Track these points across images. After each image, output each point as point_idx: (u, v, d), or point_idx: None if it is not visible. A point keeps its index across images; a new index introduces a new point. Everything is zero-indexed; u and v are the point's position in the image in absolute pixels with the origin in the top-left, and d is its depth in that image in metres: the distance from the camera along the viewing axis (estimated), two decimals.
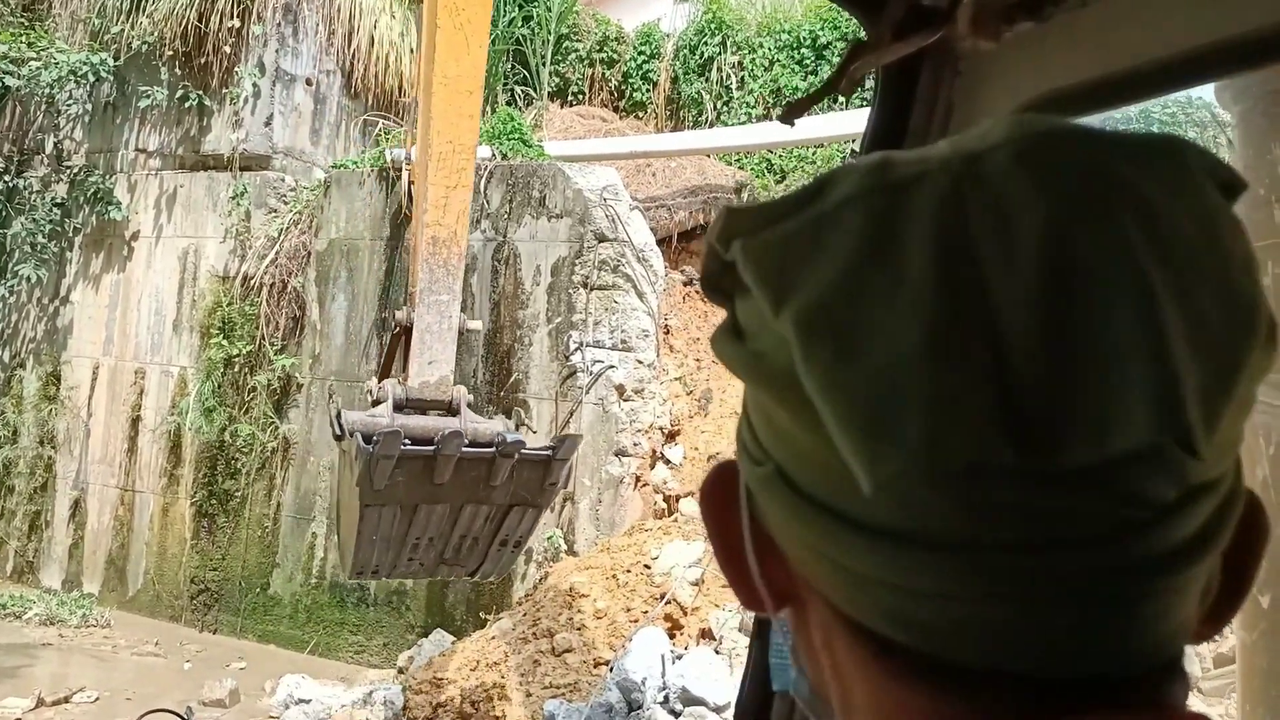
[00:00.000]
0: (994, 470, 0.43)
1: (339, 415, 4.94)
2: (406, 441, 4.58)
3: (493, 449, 4.82)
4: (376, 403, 5.03)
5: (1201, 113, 10.79)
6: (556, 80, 11.72)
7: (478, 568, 5.34)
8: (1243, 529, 0.50)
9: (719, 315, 8.99)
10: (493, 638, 7.10)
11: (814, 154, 10.32)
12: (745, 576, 0.55)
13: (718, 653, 6.28)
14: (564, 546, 7.89)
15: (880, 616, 0.48)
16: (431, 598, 8.45)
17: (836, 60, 9.60)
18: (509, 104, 10.70)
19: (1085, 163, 0.46)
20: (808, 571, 0.52)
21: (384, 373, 5.65)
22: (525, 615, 7.17)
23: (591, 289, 8.17)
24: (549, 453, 4.99)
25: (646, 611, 6.72)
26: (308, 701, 7.16)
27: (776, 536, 0.53)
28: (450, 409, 5.11)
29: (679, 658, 6.25)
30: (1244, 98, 1.88)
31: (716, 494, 0.57)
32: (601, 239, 8.19)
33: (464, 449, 4.70)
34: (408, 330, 5.14)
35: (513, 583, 8.04)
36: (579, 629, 6.73)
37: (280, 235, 9.45)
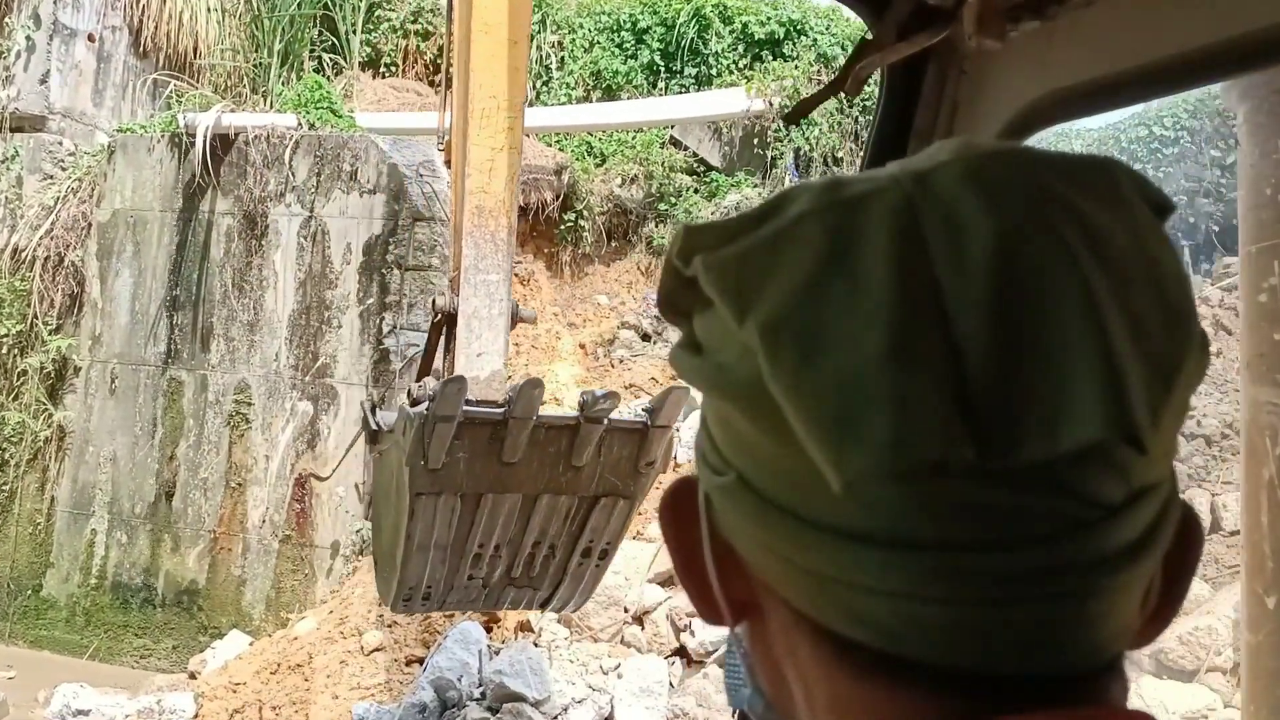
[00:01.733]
0: (954, 468, 0.45)
1: (374, 409, 4.09)
2: (471, 399, 3.54)
3: (576, 414, 3.70)
4: (415, 403, 3.91)
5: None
6: (368, 50, 11.22)
7: (553, 591, 4.11)
8: (1180, 536, 0.52)
9: (539, 297, 8.83)
10: (295, 638, 6.82)
11: (634, 138, 10.25)
12: (704, 588, 0.57)
13: (537, 645, 6.14)
14: None
15: (842, 617, 0.50)
16: (226, 595, 8.06)
17: (657, 46, 9.65)
18: (317, 72, 10.16)
19: (1027, 180, 0.49)
20: (770, 577, 0.53)
21: (423, 371, 4.54)
22: (331, 613, 6.92)
23: (407, 269, 7.89)
24: (644, 420, 3.83)
25: None
26: (86, 713, 6.63)
27: (737, 545, 0.55)
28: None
29: (497, 652, 6.11)
30: (1249, 97, 1.92)
31: (675, 508, 0.58)
32: (418, 218, 7.90)
33: (540, 415, 3.62)
34: (450, 318, 4.14)
35: (317, 579, 7.68)
36: (390, 626, 6.51)
37: (57, 204, 8.78)
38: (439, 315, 4.20)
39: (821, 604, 0.51)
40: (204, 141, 8.26)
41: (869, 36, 1.23)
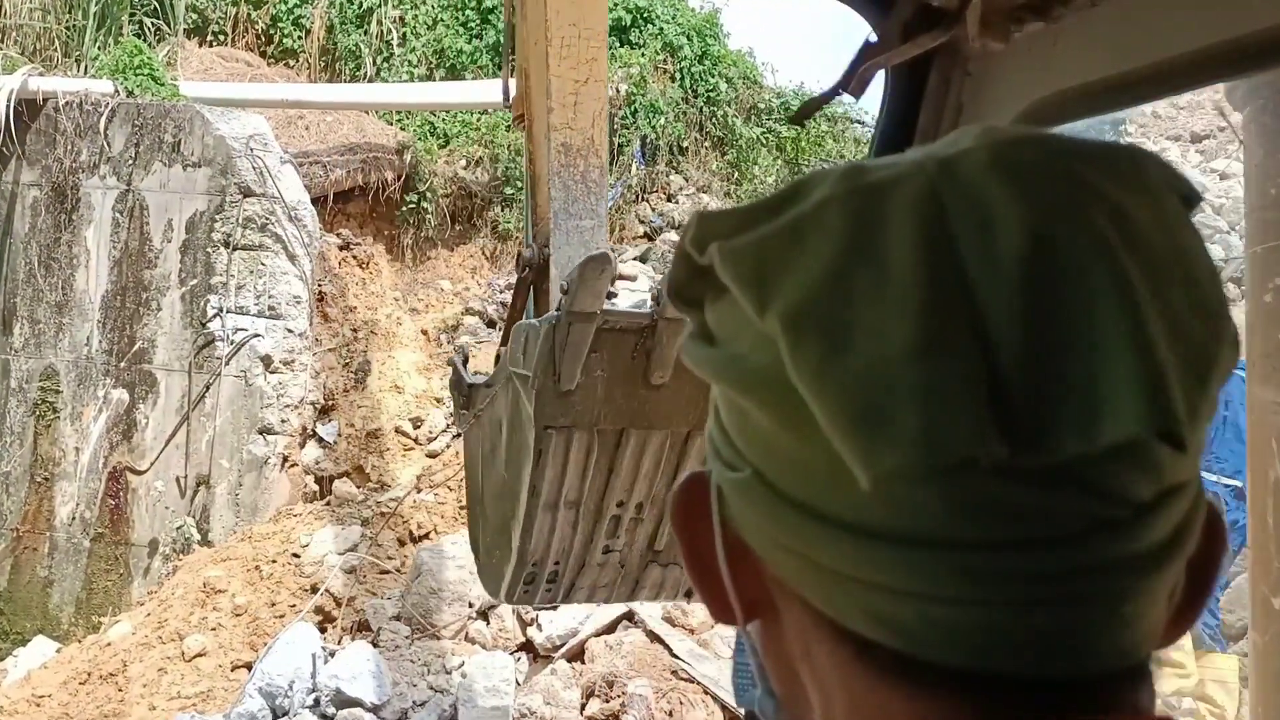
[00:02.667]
0: (986, 465, 0.44)
1: (465, 361, 3.42)
2: (614, 294, 2.87)
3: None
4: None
5: None
6: (194, 16, 10.59)
7: None
8: (1206, 537, 0.51)
9: (379, 281, 8.51)
10: (108, 644, 6.42)
11: (479, 119, 10.00)
12: (717, 587, 0.56)
13: (375, 646, 5.90)
14: (196, 536, 7.28)
15: (861, 617, 0.49)
16: (30, 598, 7.53)
17: (502, 26, 9.38)
18: (138, 36, 9.51)
19: (1056, 166, 0.48)
20: (786, 575, 0.53)
21: (508, 331, 3.65)
22: (149, 616, 6.55)
23: (234, 248, 7.49)
24: None
25: (295, 606, 6.29)
26: None
27: (752, 543, 0.54)
28: None
29: (332, 655, 5.84)
30: (1254, 98, 1.95)
31: (687, 506, 0.57)
32: (247, 193, 7.49)
33: None
34: (539, 270, 3.52)
35: (133, 580, 7.24)
36: (214, 629, 6.22)
37: None
38: (525, 270, 3.49)
39: (841, 604, 0.50)
40: (7, 106, 7.62)
41: (873, 38, 1.26)
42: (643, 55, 10.10)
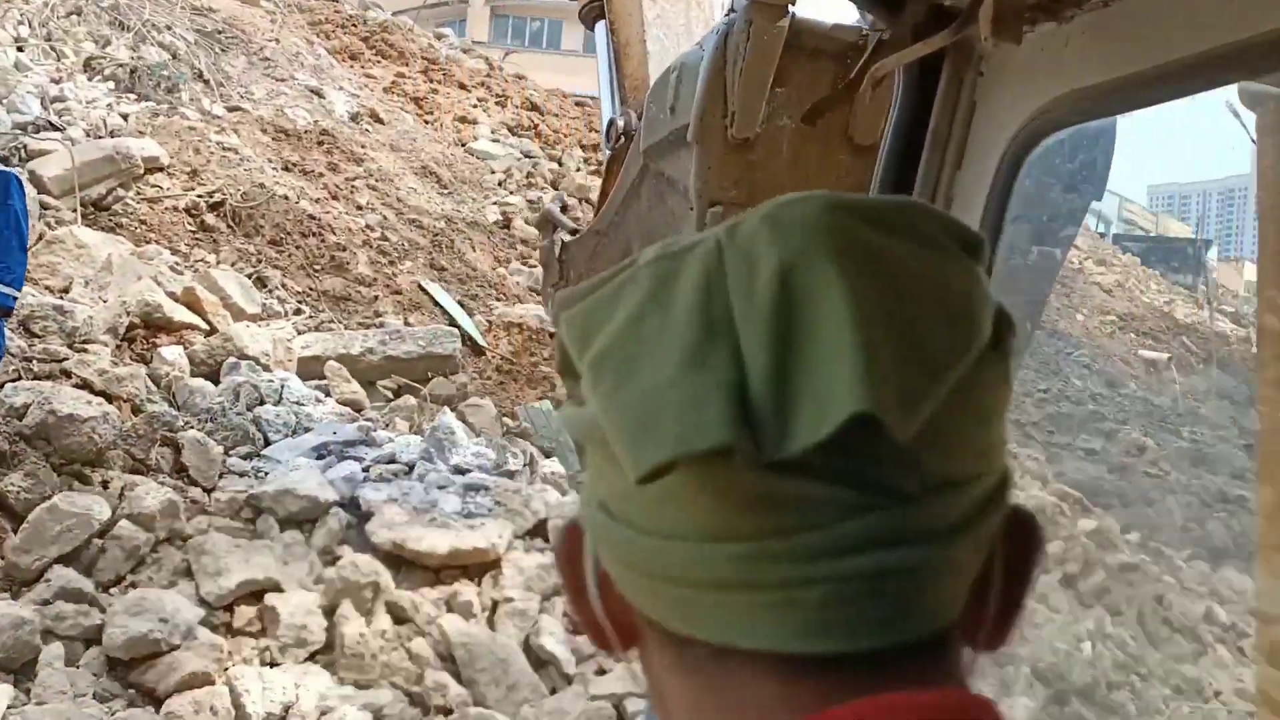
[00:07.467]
0: (742, 462, 0.50)
1: (564, 208, 2.89)
2: None
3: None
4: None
5: None
6: None
7: None
8: (1017, 541, 0.59)
9: None
10: None
11: None
12: (593, 619, 0.62)
13: None
14: None
15: (676, 617, 0.56)
16: None
17: None
18: None
19: (818, 217, 0.55)
20: (628, 593, 0.59)
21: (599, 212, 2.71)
22: None
23: None
24: None
25: None
26: None
27: (610, 571, 0.60)
28: None
29: None
30: (1266, 98, 1.87)
31: (565, 549, 0.64)
32: None
33: None
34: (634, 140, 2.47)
35: None
36: None
37: None
38: (619, 140, 2.60)
39: (660, 607, 0.56)
40: None
41: (885, 37, 1.23)
42: None
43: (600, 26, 2.85)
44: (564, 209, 2.93)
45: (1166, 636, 8.56)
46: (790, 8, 1.61)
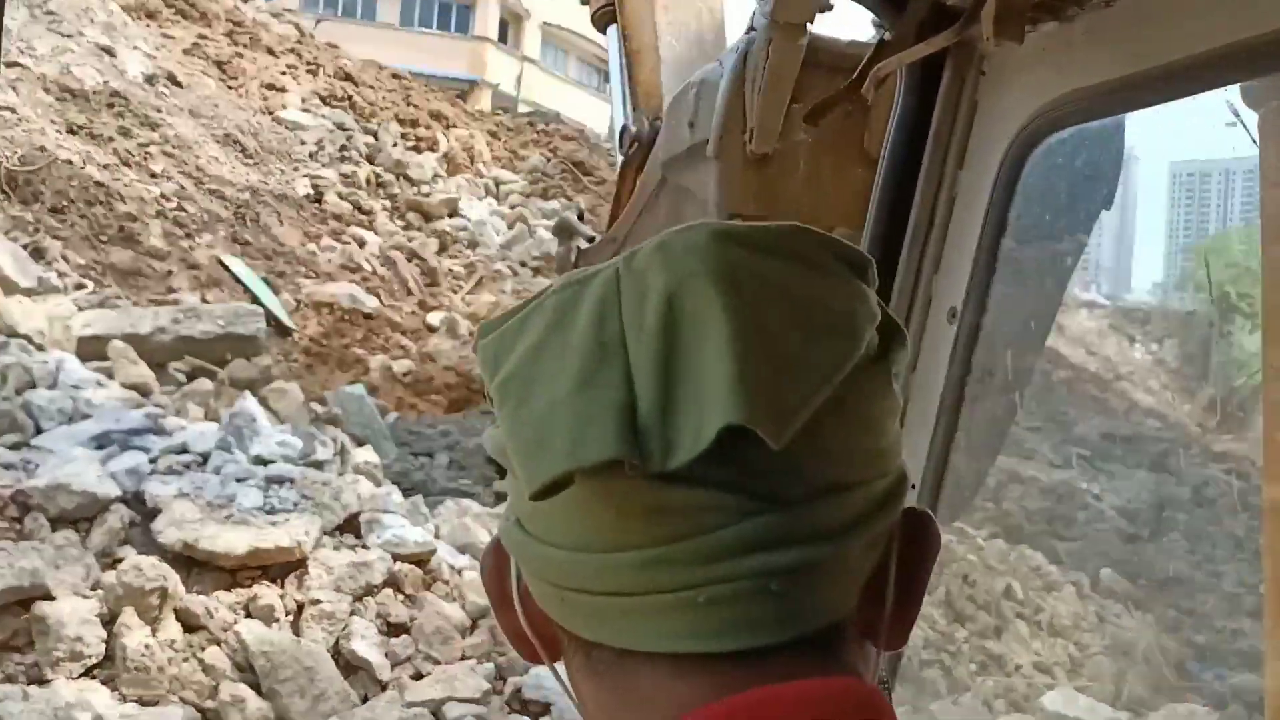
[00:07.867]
0: (632, 474, 0.52)
1: (581, 216, 2.99)
2: None
3: None
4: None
5: None
6: None
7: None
8: (911, 542, 0.62)
9: None
10: None
11: None
12: (518, 632, 0.64)
13: None
14: None
15: (584, 624, 0.58)
16: None
17: None
18: None
19: (700, 244, 0.57)
20: (545, 606, 0.61)
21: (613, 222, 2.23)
22: None
23: None
24: None
25: None
26: None
27: (530, 586, 0.62)
28: None
29: None
30: (1270, 97, 1.84)
31: (491, 566, 0.66)
32: None
33: None
34: (648, 145, 2.46)
35: None
36: None
37: None
38: (633, 146, 2.48)
39: (571, 615, 0.59)
40: None
41: (887, 36, 1.25)
42: None
43: (612, 31, 2.83)
44: (581, 217, 3.41)
45: (971, 614, 8.98)
46: (808, 26, 1.73)
